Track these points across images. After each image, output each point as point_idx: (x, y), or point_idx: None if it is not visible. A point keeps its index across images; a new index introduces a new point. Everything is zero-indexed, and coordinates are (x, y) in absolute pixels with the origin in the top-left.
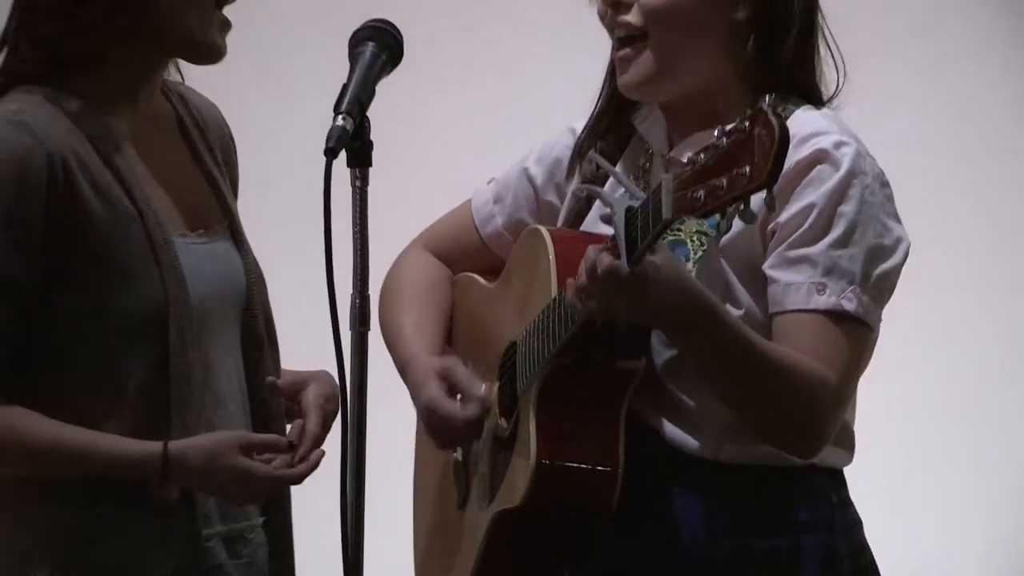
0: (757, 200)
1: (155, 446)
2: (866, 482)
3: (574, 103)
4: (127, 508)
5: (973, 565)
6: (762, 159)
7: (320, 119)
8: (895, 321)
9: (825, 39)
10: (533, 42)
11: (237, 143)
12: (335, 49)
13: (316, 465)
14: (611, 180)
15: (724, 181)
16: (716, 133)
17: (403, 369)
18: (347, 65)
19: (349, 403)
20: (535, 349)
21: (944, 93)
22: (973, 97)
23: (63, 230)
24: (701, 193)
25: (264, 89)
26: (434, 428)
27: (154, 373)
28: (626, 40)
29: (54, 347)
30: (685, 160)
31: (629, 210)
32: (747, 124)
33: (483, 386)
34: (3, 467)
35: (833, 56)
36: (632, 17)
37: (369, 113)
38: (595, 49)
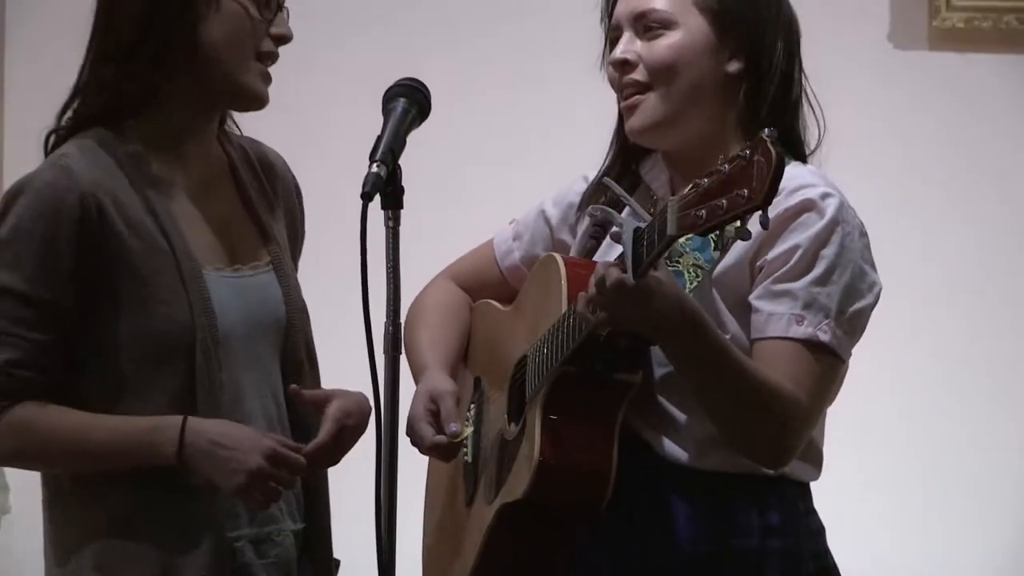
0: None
1: (174, 416)
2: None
3: (591, 151)
4: (160, 509)
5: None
6: (759, 183)
7: (358, 167)
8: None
9: (805, 93)
10: (550, 94)
11: None
12: (371, 106)
13: (317, 464)
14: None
15: (724, 202)
16: (719, 161)
17: (416, 378)
18: (381, 118)
19: (383, 419)
20: (544, 359)
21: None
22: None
23: (97, 261)
24: (703, 212)
25: (310, 139)
26: (410, 438)
27: (183, 391)
28: (633, 92)
29: (94, 365)
30: (689, 186)
31: (637, 229)
32: (748, 152)
33: (457, 425)
34: (36, 461)
35: (813, 109)
36: (638, 74)
37: (401, 161)
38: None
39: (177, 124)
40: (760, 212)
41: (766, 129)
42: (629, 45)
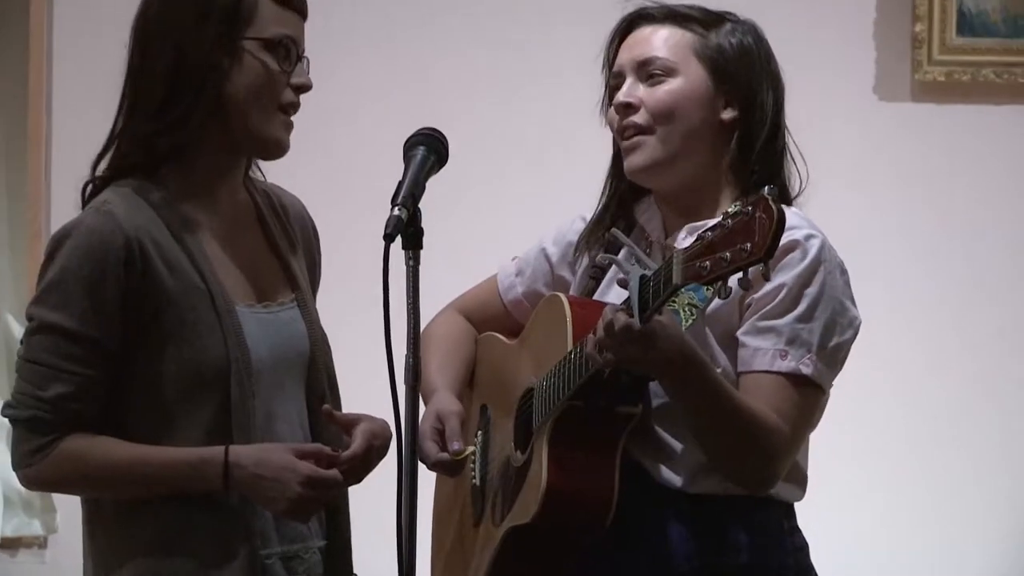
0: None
1: (217, 448)
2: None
3: (590, 193)
4: (197, 528)
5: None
6: (762, 238)
7: (380, 209)
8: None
9: (788, 143)
10: (554, 143)
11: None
12: (393, 154)
13: (347, 478)
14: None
15: (728, 254)
16: (721, 216)
17: (425, 400)
18: (401, 165)
19: (404, 444)
20: (550, 393)
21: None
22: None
23: (140, 300)
24: (707, 264)
25: (336, 185)
26: (417, 454)
27: (220, 417)
28: (635, 133)
29: (137, 396)
30: (693, 238)
31: (643, 277)
32: (751, 208)
33: (459, 444)
34: (87, 488)
35: (794, 160)
36: (640, 117)
37: (421, 205)
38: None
39: (207, 171)
40: (762, 264)
41: (768, 187)
42: (632, 90)
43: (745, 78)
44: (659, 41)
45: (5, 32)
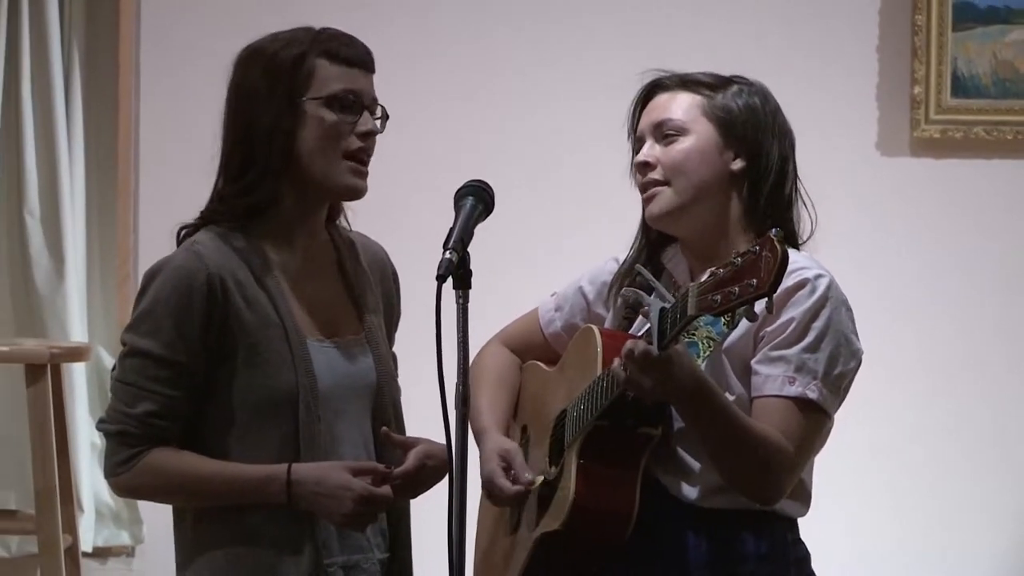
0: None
1: (281, 466)
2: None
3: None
4: (264, 538)
5: None
6: (767, 274)
7: (433, 254)
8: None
9: (798, 190)
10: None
11: None
12: (444, 204)
13: (399, 493)
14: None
15: (736, 289)
16: (733, 255)
17: (477, 437)
18: (452, 214)
19: (455, 463)
20: (581, 413)
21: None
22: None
23: (220, 330)
24: (718, 297)
25: (394, 232)
26: (489, 493)
27: (289, 437)
28: (653, 187)
29: (217, 417)
30: (707, 274)
31: (662, 310)
32: (758, 248)
33: (531, 475)
34: (168, 496)
35: (805, 204)
36: (657, 174)
37: (470, 249)
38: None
39: (287, 219)
40: (766, 299)
41: (774, 229)
42: (650, 151)
43: (751, 132)
44: (672, 105)
45: (97, 99)
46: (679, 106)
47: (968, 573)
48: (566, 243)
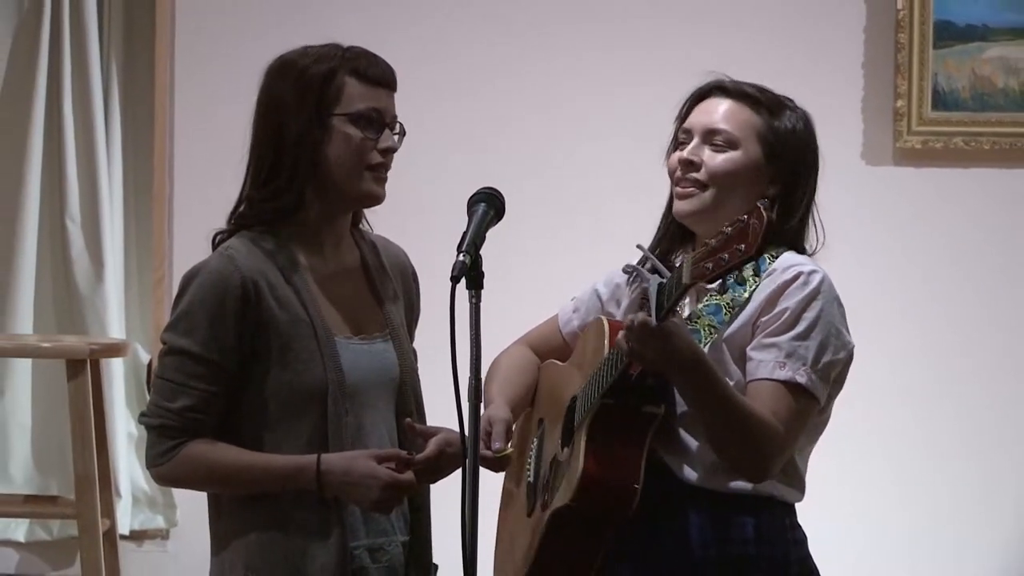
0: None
1: (311, 456)
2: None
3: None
4: (295, 522)
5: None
6: (753, 239)
7: (447, 256)
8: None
9: (812, 212)
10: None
11: None
12: (458, 209)
13: (421, 479)
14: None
15: (726, 255)
16: (724, 226)
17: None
18: (465, 218)
19: (468, 451)
20: (589, 394)
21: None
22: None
23: (253, 329)
24: (710, 264)
25: (412, 236)
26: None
27: (318, 428)
28: (691, 185)
29: (251, 410)
30: (700, 246)
31: (660, 284)
32: (746, 217)
33: (500, 444)
34: (204, 485)
35: (816, 227)
36: (700, 175)
37: (482, 252)
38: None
39: (314, 223)
40: (753, 263)
41: (761, 199)
42: (697, 150)
43: (792, 162)
44: (729, 114)
45: (134, 113)
46: (735, 118)
47: (973, 562)
48: (573, 246)
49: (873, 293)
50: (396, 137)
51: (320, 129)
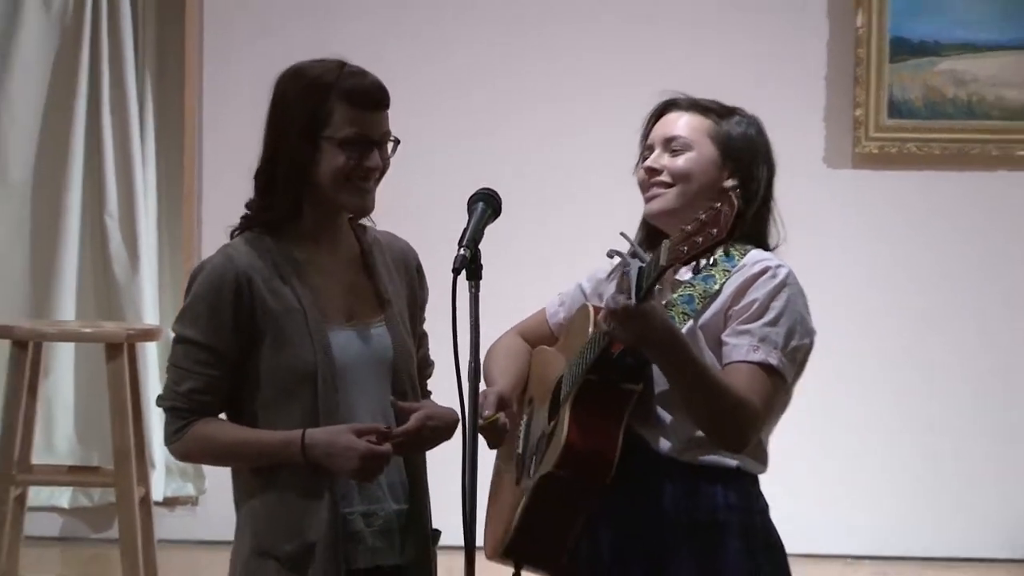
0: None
1: (297, 432)
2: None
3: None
4: (297, 488)
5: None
6: (724, 223)
7: (448, 250)
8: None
9: (771, 208)
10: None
11: None
12: (459, 208)
13: (400, 450)
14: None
15: (700, 239)
16: (698, 213)
17: None
18: (465, 216)
19: (468, 429)
20: (574, 371)
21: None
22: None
23: (249, 318)
24: (685, 248)
25: (416, 232)
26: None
27: (310, 408)
28: (658, 188)
29: (251, 392)
30: (676, 231)
31: (640, 268)
32: (718, 204)
33: (489, 411)
34: (211, 459)
35: (775, 220)
36: (664, 177)
37: (480, 246)
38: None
39: (311, 225)
40: (723, 245)
41: (734, 188)
42: (658, 159)
43: (745, 157)
44: (683, 123)
45: (166, 117)
46: (689, 125)
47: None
48: (565, 240)
49: (834, 285)
50: (389, 146)
51: (311, 147)
